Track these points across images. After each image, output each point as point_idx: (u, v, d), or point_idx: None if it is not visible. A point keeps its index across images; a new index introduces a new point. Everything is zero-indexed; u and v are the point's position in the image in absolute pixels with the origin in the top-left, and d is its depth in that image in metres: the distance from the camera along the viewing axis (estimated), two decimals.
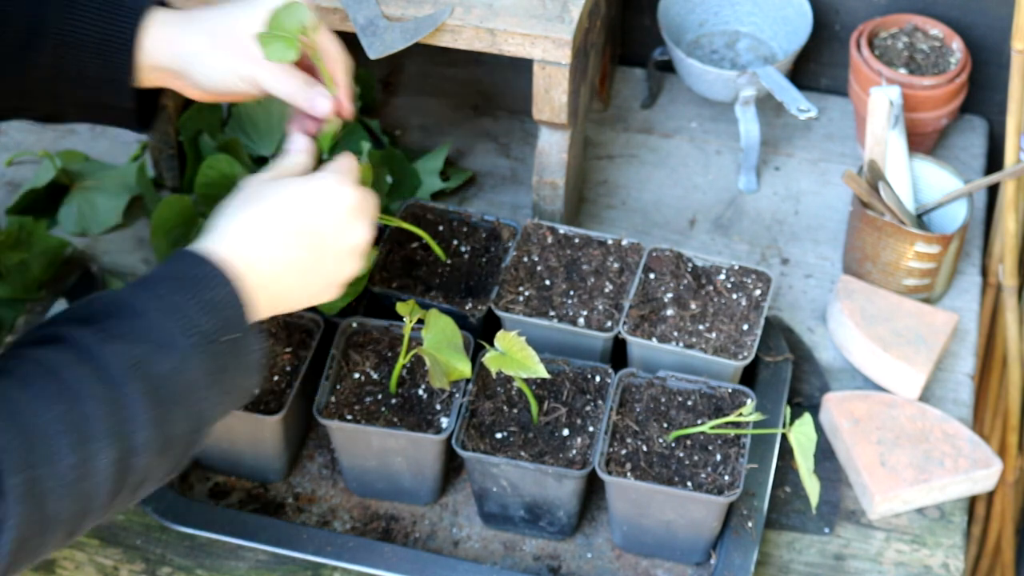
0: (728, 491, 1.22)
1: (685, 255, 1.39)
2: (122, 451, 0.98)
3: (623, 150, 1.68)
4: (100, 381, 0.98)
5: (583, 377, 1.32)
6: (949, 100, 1.56)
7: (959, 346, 1.48)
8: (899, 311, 1.45)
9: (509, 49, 1.34)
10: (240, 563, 1.31)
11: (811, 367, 1.46)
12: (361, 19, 1.34)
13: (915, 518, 1.35)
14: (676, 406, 1.29)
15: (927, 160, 1.51)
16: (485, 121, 1.72)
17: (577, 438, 1.27)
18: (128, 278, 1.54)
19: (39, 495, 0.94)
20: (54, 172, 1.60)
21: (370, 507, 1.35)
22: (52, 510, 0.95)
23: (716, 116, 1.70)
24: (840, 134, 1.69)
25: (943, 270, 1.48)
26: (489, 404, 1.30)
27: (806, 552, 1.33)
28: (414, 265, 1.41)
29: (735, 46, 1.68)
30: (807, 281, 1.54)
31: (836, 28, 1.68)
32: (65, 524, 0.97)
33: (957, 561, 1.32)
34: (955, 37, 1.59)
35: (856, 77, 1.58)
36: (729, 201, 1.62)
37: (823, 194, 1.62)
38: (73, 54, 1.23)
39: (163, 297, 1.04)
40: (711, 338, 1.33)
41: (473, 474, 1.28)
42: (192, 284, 1.05)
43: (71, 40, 1.22)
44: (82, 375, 0.98)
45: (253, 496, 1.36)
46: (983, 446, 1.36)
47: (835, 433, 1.38)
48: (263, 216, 1.12)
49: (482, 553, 1.32)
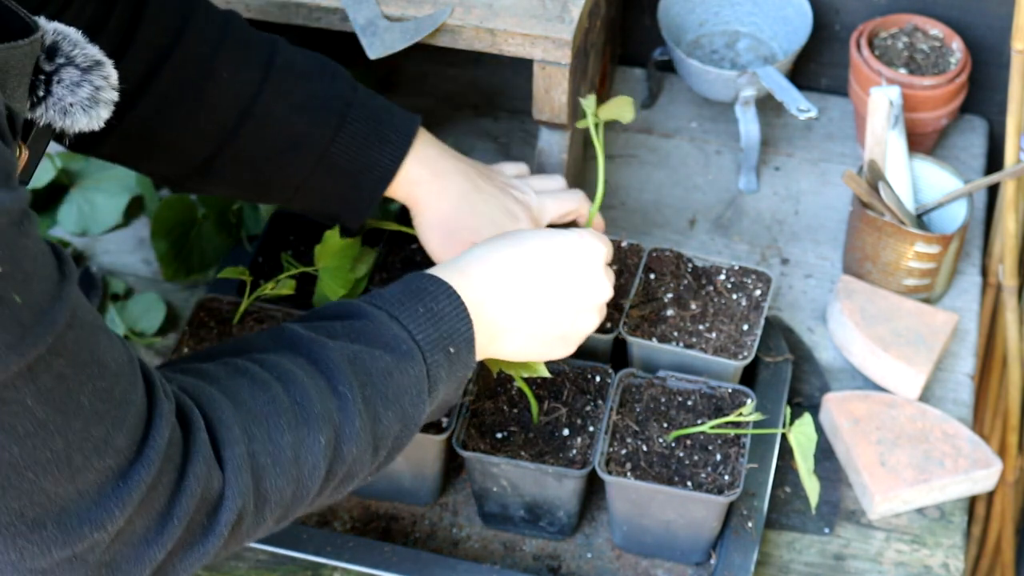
0: (728, 491, 1.22)
1: (685, 255, 1.39)
2: (335, 437, 0.97)
3: (623, 150, 1.68)
4: (317, 369, 0.98)
5: (583, 377, 1.32)
6: (949, 100, 1.56)
7: (959, 346, 1.48)
8: (899, 311, 1.45)
9: (509, 49, 1.34)
10: (240, 563, 1.31)
11: (811, 367, 1.46)
12: (361, 19, 1.34)
13: (915, 518, 1.35)
14: (676, 406, 1.29)
15: (927, 160, 1.51)
16: (485, 121, 1.72)
17: (577, 438, 1.27)
18: (128, 278, 1.54)
19: (256, 470, 0.92)
20: (54, 172, 1.60)
21: (370, 507, 1.36)
22: (268, 487, 0.93)
23: (716, 116, 1.70)
24: (840, 134, 1.69)
25: (943, 270, 1.48)
26: (489, 404, 1.30)
27: (806, 552, 1.33)
28: (413, 266, 1.41)
29: (735, 46, 1.68)
30: (807, 281, 1.54)
31: (836, 28, 1.68)
32: (278, 506, 0.95)
33: (957, 561, 1.32)
34: (955, 37, 1.59)
35: (856, 77, 1.58)
36: (729, 201, 1.62)
37: (823, 194, 1.62)
38: (330, 171, 1.26)
39: (389, 302, 1.05)
40: (711, 338, 1.33)
41: (473, 474, 1.28)
42: (420, 294, 1.06)
43: (332, 159, 1.25)
44: (300, 363, 0.98)
45: None
46: (983, 446, 1.36)
47: (835, 433, 1.38)
48: (510, 255, 1.12)
49: (482, 553, 1.32)
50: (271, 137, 1.24)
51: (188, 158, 1.25)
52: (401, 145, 1.27)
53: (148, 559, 0.87)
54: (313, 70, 1.26)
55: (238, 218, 1.54)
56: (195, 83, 1.21)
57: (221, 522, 0.91)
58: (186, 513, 0.88)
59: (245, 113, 1.23)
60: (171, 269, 1.52)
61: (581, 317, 1.16)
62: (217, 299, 1.37)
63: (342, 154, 1.25)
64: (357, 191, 1.27)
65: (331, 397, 0.98)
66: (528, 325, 1.13)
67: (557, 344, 1.17)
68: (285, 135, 1.24)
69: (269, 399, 0.95)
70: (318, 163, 1.25)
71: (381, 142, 1.26)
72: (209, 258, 1.53)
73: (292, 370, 0.98)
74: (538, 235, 1.15)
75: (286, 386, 0.97)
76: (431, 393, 1.05)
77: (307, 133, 1.24)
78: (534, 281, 1.12)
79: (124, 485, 0.84)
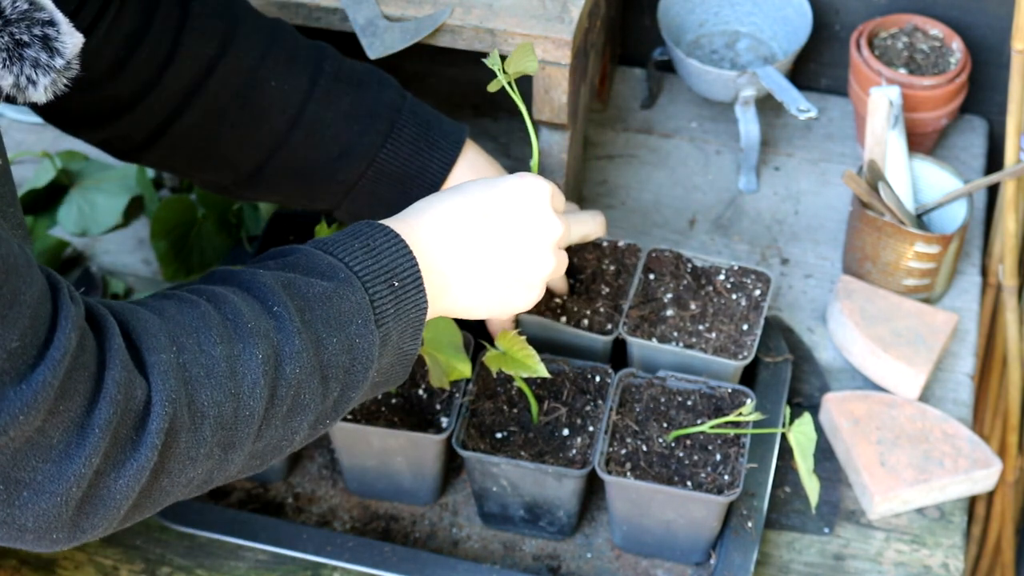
0: (728, 491, 1.22)
1: (685, 255, 1.39)
2: (272, 354, 0.92)
3: (623, 150, 1.68)
4: (250, 294, 0.95)
5: (583, 377, 1.32)
6: (949, 100, 1.56)
7: (959, 346, 1.48)
8: (899, 311, 1.45)
9: (509, 49, 1.34)
10: (240, 563, 1.31)
11: (811, 367, 1.46)
12: (361, 19, 1.34)
13: (915, 518, 1.35)
14: (676, 406, 1.29)
15: (927, 160, 1.51)
16: (485, 121, 1.72)
17: (577, 438, 1.27)
18: (128, 278, 1.54)
19: (186, 380, 0.88)
20: (54, 172, 1.61)
21: (370, 507, 1.36)
22: (204, 400, 0.88)
23: (716, 116, 1.70)
24: (840, 134, 1.69)
25: (943, 270, 1.48)
26: (489, 404, 1.30)
27: (806, 552, 1.33)
28: None
29: (735, 46, 1.68)
30: (807, 281, 1.54)
31: (836, 28, 1.68)
32: (219, 424, 0.90)
33: (957, 561, 1.32)
34: (955, 37, 1.59)
35: (856, 77, 1.58)
36: (729, 201, 1.62)
37: (823, 194, 1.62)
38: (379, 178, 1.25)
39: (324, 243, 1.02)
40: (711, 338, 1.33)
41: (473, 474, 1.28)
42: (356, 234, 1.03)
43: (382, 166, 1.24)
44: (231, 289, 0.95)
45: (253, 496, 1.36)
46: (983, 446, 1.36)
47: (835, 433, 1.38)
48: (452, 204, 1.08)
49: (482, 553, 1.32)
50: (321, 144, 1.23)
51: (237, 166, 1.24)
52: (451, 151, 1.26)
53: (72, 474, 0.82)
54: (362, 77, 1.26)
55: (238, 218, 1.54)
56: (243, 92, 1.21)
57: (151, 431, 0.85)
58: (107, 421, 0.83)
59: (294, 121, 1.22)
60: (171, 269, 1.52)
61: (536, 259, 1.10)
62: None
63: (392, 160, 1.25)
64: (406, 198, 1.24)
65: (265, 316, 0.93)
66: (480, 273, 1.08)
67: (518, 291, 1.11)
68: (335, 142, 1.23)
69: (198, 315, 0.91)
70: (367, 169, 1.24)
71: (431, 148, 1.26)
72: (209, 258, 1.53)
73: (223, 293, 0.94)
74: (479, 183, 1.10)
75: (216, 305, 0.93)
76: (379, 326, 1.00)
77: (357, 141, 1.24)
78: (480, 227, 1.08)
79: (26, 388, 0.79)
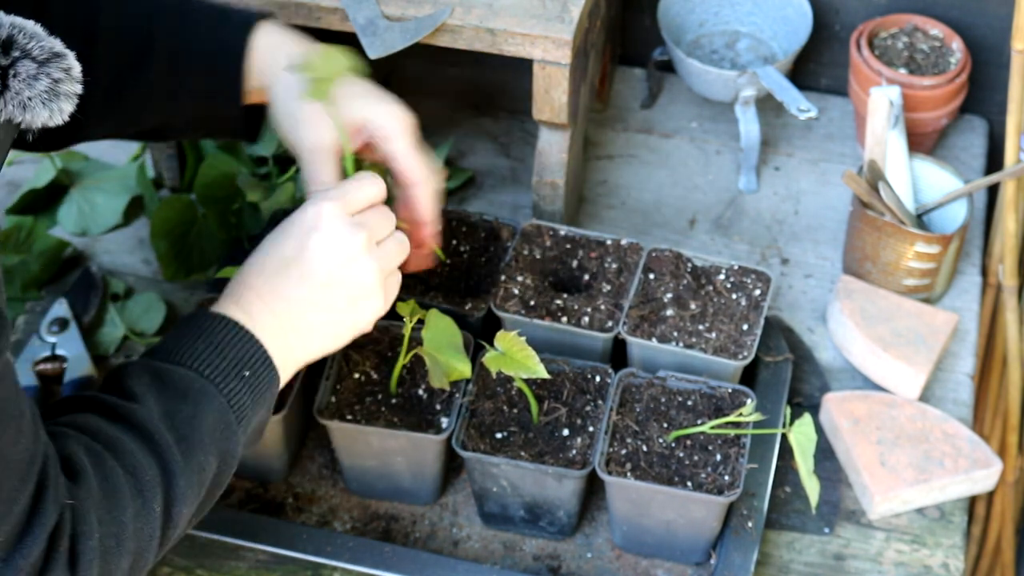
0: (728, 491, 1.22)
1: (685, 255, 1.39)
2: (165, 501, 1.01)
3: (623, 150, 1.68)
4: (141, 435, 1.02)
5: (583, 377, 1.32)
6: (949, 100, 1.57)
7: (959, 346, 1.48)
8: (899, 311, 1.45)
9: (509, 49, 1.34)
10: (240, 563, 1.31)
11: (811, 367, 1.46)
12: (361, 19, 1.34)
13: (915, 518, 1.35)
14: (676, 406, 1.29)
15: (927, 160, 1.51)
16: (485, 121, 1.72)
17: (577, 438, 1.27)
18: (128, 278, 1.54)
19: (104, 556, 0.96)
20: (54, 172, 1.60)
21: (370, 507, 1.35)
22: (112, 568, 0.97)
23: (716, 116, 1.70)
24: (840, 134, 1.69)
25: (943, 270, 1.48)
26: (489, 404, 1.30)
27: (806, 552, 1.33)
28: None
29: (735, 46, 1.68)
30: (807, 281, 1.54)
31: (836, 28, 1.68)
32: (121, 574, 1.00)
33: (957, 561, 1.32)
34: (955, 37, 1.59)
35: (856, 77, 1.58)
36: (729, 201, 1.62)
37: (823, 194, 1.62)
38: (184, 67, 1.24)
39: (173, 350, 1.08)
40: (711, 338, 1.33)
41: (473, 474, 1.28)
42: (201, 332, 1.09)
43: (182, 54, 1.23)
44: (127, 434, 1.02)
45: (253, 496, 1.36)
46: (983, 446, 1.36)
47: (835, 433, 1.38)
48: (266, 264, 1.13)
49: (482, 553, 1.32)
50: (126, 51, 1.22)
51: None
52: (245, 20, 1.24)
53: None
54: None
55: (238, 218, 1.54)
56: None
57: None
58: None
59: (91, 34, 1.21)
60: (171, 269, 1.52)
61: (354, 307, 1.13)
62: (217, 299, 1.37)
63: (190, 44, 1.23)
64: (216, 78, 1.23)
65: (156, 461, 1.01)
66: (317, 320, 1.12)
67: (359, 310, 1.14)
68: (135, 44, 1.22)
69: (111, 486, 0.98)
70: (171, 60, 1.23)
71: (224, 23, 1.24)
72: (209, 258, 1.53)
73: (120, 440, 1.01)
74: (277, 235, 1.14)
75: (120, 458, 1.00)
76: (241, 422, 1.07)
77: (153, 35, 1.22)
78: (298, 281, 1.11)
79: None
